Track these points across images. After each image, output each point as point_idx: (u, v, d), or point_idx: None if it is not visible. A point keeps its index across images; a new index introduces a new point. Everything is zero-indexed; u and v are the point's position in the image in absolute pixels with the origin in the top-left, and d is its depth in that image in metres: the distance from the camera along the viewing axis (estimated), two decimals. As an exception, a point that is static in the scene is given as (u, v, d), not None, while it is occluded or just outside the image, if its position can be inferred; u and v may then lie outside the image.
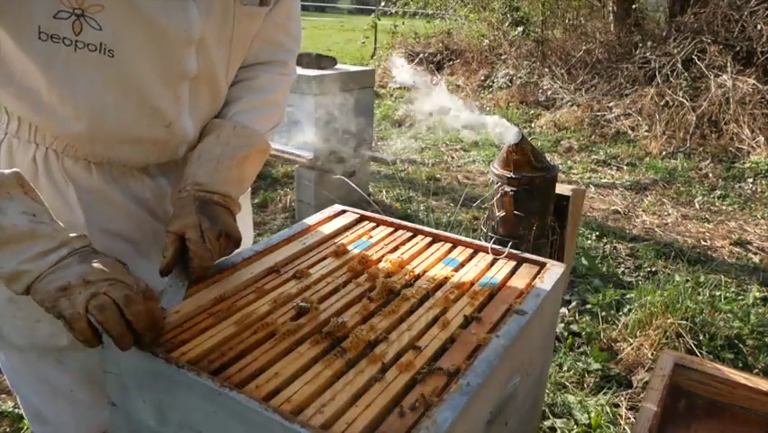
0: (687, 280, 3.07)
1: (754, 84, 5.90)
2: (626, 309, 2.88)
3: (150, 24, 0.94)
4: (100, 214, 1.09)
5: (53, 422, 1.18)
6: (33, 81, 0.94)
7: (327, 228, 1.41)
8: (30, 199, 0.89)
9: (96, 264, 0.89)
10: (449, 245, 1.37)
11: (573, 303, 2.98)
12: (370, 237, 1.40)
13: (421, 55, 10.05)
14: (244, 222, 1.42)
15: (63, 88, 0.95)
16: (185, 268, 1.08)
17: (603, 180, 5.13)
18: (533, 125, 6.90)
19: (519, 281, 1.20)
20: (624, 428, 2.14)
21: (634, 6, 7.70)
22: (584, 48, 7.90)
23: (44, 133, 1.02)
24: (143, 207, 1.15)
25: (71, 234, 0.92)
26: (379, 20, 10.09)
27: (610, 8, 8.05)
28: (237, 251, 1.19)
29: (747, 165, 5.30)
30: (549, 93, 7.58)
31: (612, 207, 4.46)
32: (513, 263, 1.28)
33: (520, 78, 8.13)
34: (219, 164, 1.11)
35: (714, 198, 4.69)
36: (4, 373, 1.20)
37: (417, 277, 1.21)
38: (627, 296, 3.00)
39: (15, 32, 0.89)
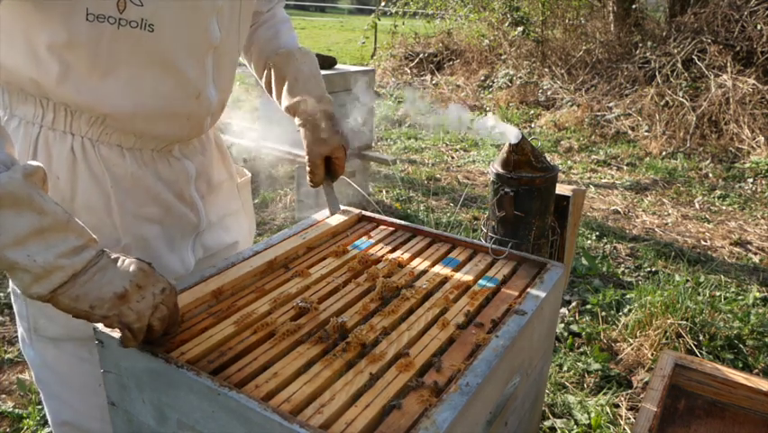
0: (687, 281, 3.07)
1: (754, 84, 5.90)
2: (626, 309, 2.88)
3: None
4: (133, 199, 1.12)
5: (78, 417, 1.19)
6: (79, 62, 0.96)
7: (327, 228, 1.41)
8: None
9: (137, 267, 0.90)
10: (449, 245, 1.37)
11: (573, 303, 2.98)
12: (370, 237, 1.40)
13: (421, 55, 10.05)
14: (247, 209, 1.47)
15: (107, 67, 0.98)
16: (326, 178, 1.38)
17: (603, 180, 5.13)
18: (533, 125, 6.90)
19: (519, 281, 1.20)
20: (624, 429, 2.14)
21: (634, 6, 7.70)
22: (584, 48, 7.90)
23: (80, 122, 1.04)
24: (172, 191, 1.19)
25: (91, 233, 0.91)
26: (379, 20, 10.08)
27: (610, 8, 8.05)
28: (236, 252, 1.22)
29: (747, 165, 5.31)
30: (549, 93, 7.58)
31: (612, 207, 4.46)
32: (513, 263, 1.28)
33: (520, 78, 8.13)
34: (317, 78, 1.38)
35: (714, 198, 4.69)
36: (32, 370, 1.21)
37: (417, 277, 1.21)
38: (627, 296, 3.00)
39: (65, 16, 0.91)
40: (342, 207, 1.54)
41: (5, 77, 1.01)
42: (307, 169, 1.37)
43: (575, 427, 2.14)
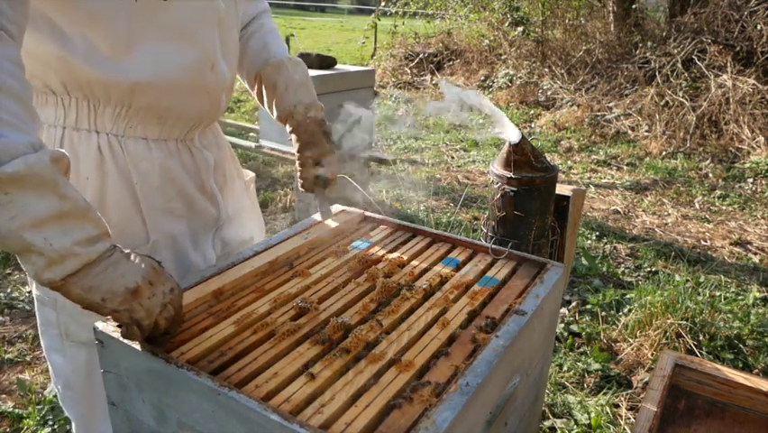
0: (687, 281, 3.07)
1: (754, 84, 5.90)
2: (626, 309, 2.88)
3: None
4: (159, 194, 1.14)
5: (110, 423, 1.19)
6: (100, 39, 0.97)
7: (328, 228, 1.41)
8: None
9: (149, 264, 0.91)
10: (449, 245, 1.37)
11: (573, 303, 2.98)
12: (370, 237, 1.40)
13: (421, 55, 10.05)
14: (255, 212, 1.49)
15: (129, 41, 0.99)
16: (317, 184, 1.39)
17: (603, 180, 5.13)
18: (533, 125, 6.90)
19: (519, 282, 1.20)
20: (624, 429, 2.14)
21: (634, 6, 7.70)
22: (584, 48, 7.90)
23: (104, 118, 1.04)
24: (194, 183, 1.21)
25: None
26: (379, 20, 10.09)
27: (610, 8, 8.05)
28: (239, 251, 1.23)
29: (747, 165, 5.31)
30: (549, 93, 7.58)
31: (612, 207, 4.46)
32: (513, 264, 1.28)
33: (520, 78, 8.13)
34: (308, 86, 1.39)
35: (714, 198, 4.69)
36: (59, 380, 1.20)
37: (417, 277, 1.21)
38: (627, 296, 3.00)
39: None
40: (341, 208, 1.54)
41: (30, 68, 0.98)
42: (298, 173, 1.39)
43: (575, 427, 2.14)
